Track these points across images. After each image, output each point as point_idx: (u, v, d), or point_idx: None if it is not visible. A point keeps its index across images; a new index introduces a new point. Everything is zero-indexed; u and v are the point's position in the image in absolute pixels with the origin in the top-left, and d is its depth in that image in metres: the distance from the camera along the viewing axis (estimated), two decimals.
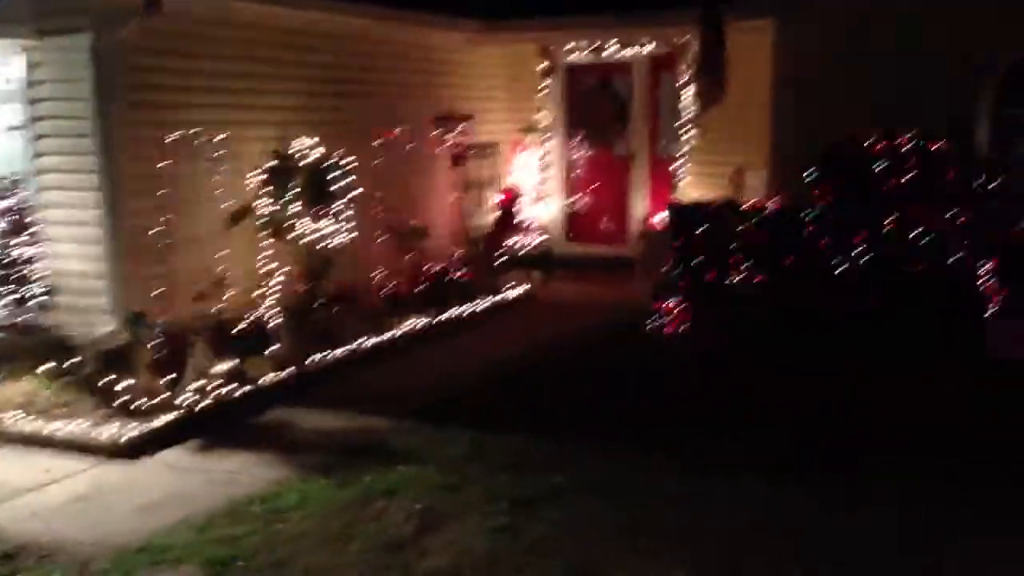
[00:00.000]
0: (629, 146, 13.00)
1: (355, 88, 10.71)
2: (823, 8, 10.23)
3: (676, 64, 12.44)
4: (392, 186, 10.98)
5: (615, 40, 12.62)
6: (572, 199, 13.38)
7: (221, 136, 8.63)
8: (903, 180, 8.40)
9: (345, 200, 9.03)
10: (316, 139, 9.00)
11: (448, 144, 12.01)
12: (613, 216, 13.18)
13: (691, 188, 12.33)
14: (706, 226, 9.63)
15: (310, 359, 8.38)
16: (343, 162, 9.07)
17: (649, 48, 12.59)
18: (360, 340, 8.96)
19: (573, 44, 12.90)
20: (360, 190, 9.43)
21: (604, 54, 12.82)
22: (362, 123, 10.68)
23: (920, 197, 8.29)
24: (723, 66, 9.81)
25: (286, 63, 9.72)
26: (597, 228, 13.28)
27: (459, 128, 12.08)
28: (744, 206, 9.56)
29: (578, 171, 13.34)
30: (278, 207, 8.67)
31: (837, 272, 8.67)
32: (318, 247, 8.96)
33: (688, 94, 12.30)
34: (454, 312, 10.28)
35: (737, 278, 9.42)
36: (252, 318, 8.54)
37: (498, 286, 11.40)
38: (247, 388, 7.69)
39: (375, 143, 10.69)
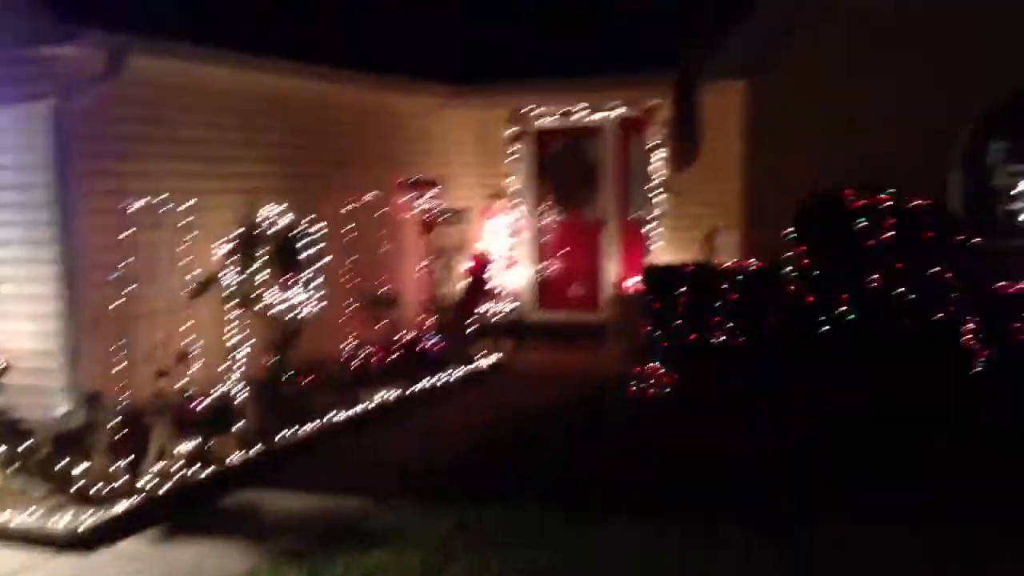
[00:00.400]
0: (600, 211, 12.86)
1: (325, 154, 10.48)
2: (795, 70, 10.21)
3: (646, 127, 12.37)
4: (362, 253, 10.71)
5: (585, 104, 12.55)
6: (543, 265, 13.17)
7: (187, 204, 8.32)
8: (883, 238, 8.28)
9: (314, 268, 8.73)
10: (285, 206, 8.73)
11: (417, 210, 11.78)
12: (584, 282, 12.98)
13: (663, 252, 12.19)
14: (685, 288, 9.43)
15: (279, 435, 8.00)
16: (312, 229, 8.79)
17: (619, 111, 12.52)
18: (330, 414, 8.60)
19: (543, 108, 12.81)
20: (330, 258, 9.14)
21: (573, 118, 12.74)
22: (332, 189, 10.45)
23: (900, 254, 8.17)
24: (696, 127, 9.70)
25: (255, 129, 9.48)
26: (569, 294, 13.06)
27: (429, 194, 11.86)
28: (722, 266, 9.39)
29: (549, 236, 13.16)
30: (245, 276, 8.36)
31: (820, 330, 8.48)
32: (287, 317, 8.64)
33: (659, 157, 12.23)
34: (426, 383, 9.95)
35: (720, 339, 9.20)
36: (217, 394, 8.17)
37: (470, 355, 11.11)
38: (212, 469, 7.28)
39: (344, 210, 10.44)
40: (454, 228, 12.52)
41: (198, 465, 7.22)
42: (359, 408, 8.93)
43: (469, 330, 11.87)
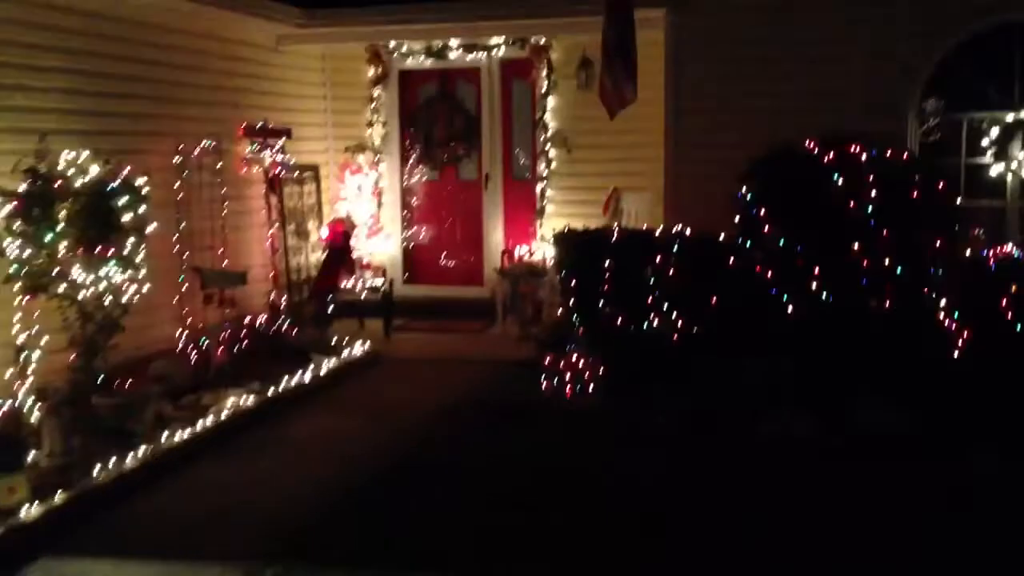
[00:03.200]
0: (480, 168, 10.92)
1: (147, 88, 8.08)
2: None
3: (532, 70, 10.50)
4: (196, 217, 8.44)
5: (458, 40, 10.53)
6: (413, 232, 11.14)
7: None
8: (863, 198, 6.72)
9: (136, 236, 6.44)
10: (91, 152, 6.40)
11: (263, 165, 9.54)
12: (463, 251, 11.04)
13: (557, 216, 10.42)
14: (609, 260, 7.66)
15: (91, 471, 5.72)
16: (135, 183, 6.48)
17: (502, 50, 10.58)
18: (163, 435, 6.36)
19: (408, 45, 10.72)
20: (155, 224, 6.85)
21: (447, 58, 10.70)
22: (157, 135, 8.12)
23: (884, 219, 6.64)
24: (633, 58, 7.91)
25: (48, 49, 7.02)
26: (444, 266, 11.10)
27: (277, 145, 9.63)
28: (657, 234, 7.65)
29: (419, 198, 11.12)
30: (37, 249, 6.01)
31: (788, 315, 6.88)
32: (100, 303, 6.34)
33: (551, 106, 10.41)
34: (287, 381, 7.80)
35: (655, 323, 7.49)
36: None
37: (335, 344, 9.00)
38: None
39: (174, 160, 8.13)
40: (306, 188, 10.34)
41: None
42: (204, 423, 6.71)
43: (329, 310, 9.76)
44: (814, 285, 6.81)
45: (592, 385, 7.58)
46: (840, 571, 4.72)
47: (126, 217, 6.33)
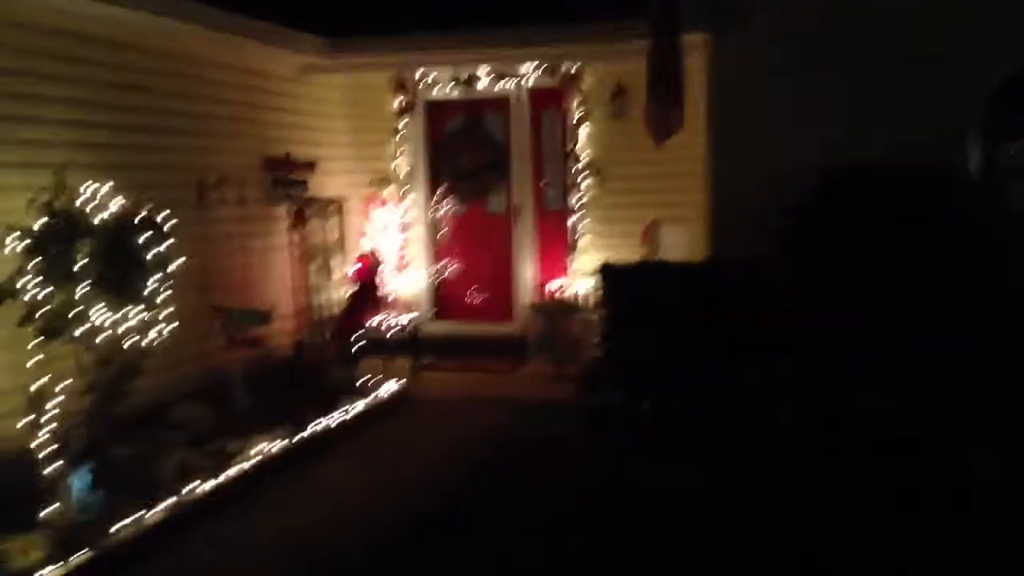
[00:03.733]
0: (510, 200, 10.55)
1: (164, 120, 7.75)
2: (781, 18, 8.16)
3: (564, 99, 10.16)
4: (220, 254, 8.09)
5: (487, 69, 10.20)
6: (440, 266, 10.76)
7: None
8: (930, 225, 6.32)
9: (161, 274, 6.06)
10: (111, 185, 6.04)
11: (288, 199, 9.18)
12: (492, 286, 10.64)
13: (592, 249, 10.03)
14: (658, 294, 7.25)
15: (114, 528, 5.32)
16: (158, 219, 6.11)
17: (531, 79, 10.24)
18: (186, 486, 5.95)
19: (435, 74, 10.40)
20: (182, 259, 6.48)
21: (476, 88, 10.37)
22: (175, 167, 7.77)
23: (965, 246, 6.23)
24: (681, 83, 7.54)
25: (66, 80, 6.70)
26: (473, 302, 10.69)
27: (300, 178, 9.28)
28: (717, 265, 7.24)
29: (446, 231, 10.74)
30: (56, 288, 5.63)
31: (870, 348, 6.43)
32: (119, 347, 5.95)
33: (585, 134, 10.06)
34: (316, 426, 7.39)
35: (715, 364, 7.05)
36: (13, 464, 5.45)
37: (361, 384, 8.59)
38: None
39: (194, 195, 7.80)
40: (330, 222, 9.97)
41: None
42: (230, 472, 6.30)
43: (355, 349, 9.37)
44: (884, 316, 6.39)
45: (638, 430, 7.16)
46: None
47: (149, 255, 5.95)
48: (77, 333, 5.75)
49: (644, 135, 9.47)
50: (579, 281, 9.94)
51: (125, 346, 5.96)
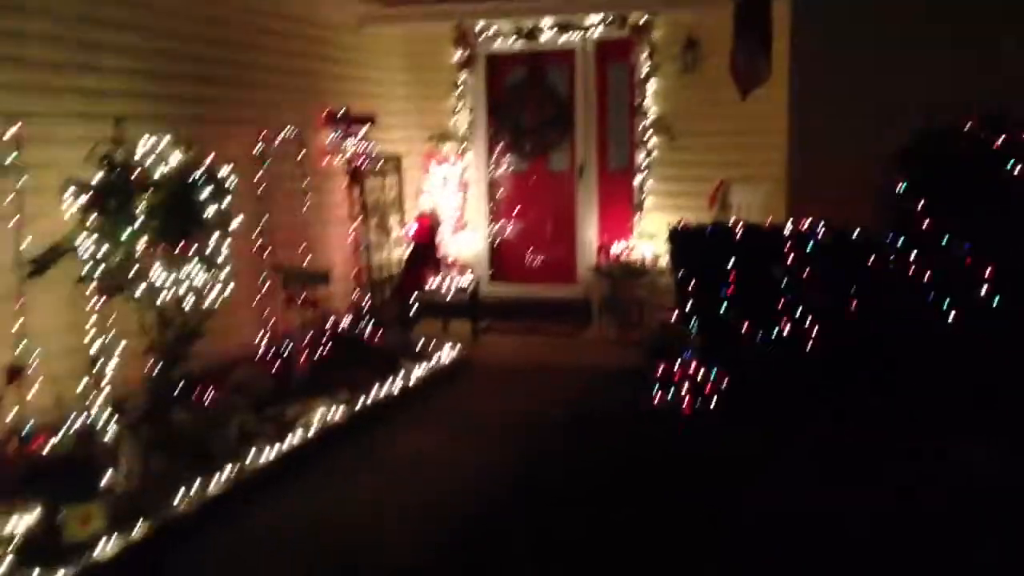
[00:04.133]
0: (573, 158, 10.15)
1: (225, 71, 7.45)
2: None
3: (632, 52, 9.71)
4: (278, 211, 7.81)
5: (551, 20, 9.77)
6: (500, 227, 10.41)
7: (11, 131, 5.31)
8: None
9: (220, 232, 5.79)
10: (169, 138, 5.75)
11: (346, 155, 8.87)
12: (554, 247, 10.28)
13: (658, 210, 9.64)
14: (733, 259, 6.86)
15: (175, 497, 5.09)
16: (219, 174, 5.83)
17: (597, 32, 9.80)
18: (248, 453, 5.71)
19: (497, 26, 9.98)
20: (241, 217, 6.20)
21: (538, 40, 9.94)
22: (235, 121, 7.48)
23: None
24: (770, 30, 7.07)
25: (125, 26, 6.40)
26: (533, 263, 10.35)
27: (360, 133, 8.96)
28: (788, 229, 6.82)
29: (507, 190, 10.38)
30: (115, 245, 5.38)
31: (953, 328, 6.02)
32: (180, 308, 5.71)
33: (650, 91, 9.61)
34: (377, 390, 7.12)
35: (787, 330, 6.67)
36: (73, 429, 5.24)
37: (420, 349, 8.31)
38: (64, 571, 4.36)
39: (254, 150, 7.51)
40: (388, 180, 9.66)
41: (35, 557, 4.32)
42: (291, 439, 6.05)
43: (413, 311, 9.11)
44: (984, 290, 5.95)
45: (713, 398, 6.81)
46: None
47: (210, 211, 5.68)
48: (137, 292, 5.52)
49: (715, 89, 9.12)
50: (644, 243, 9.56)
51: (186, 307, 5.73)
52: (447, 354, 8.29)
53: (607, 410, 7.07)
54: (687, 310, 7.17)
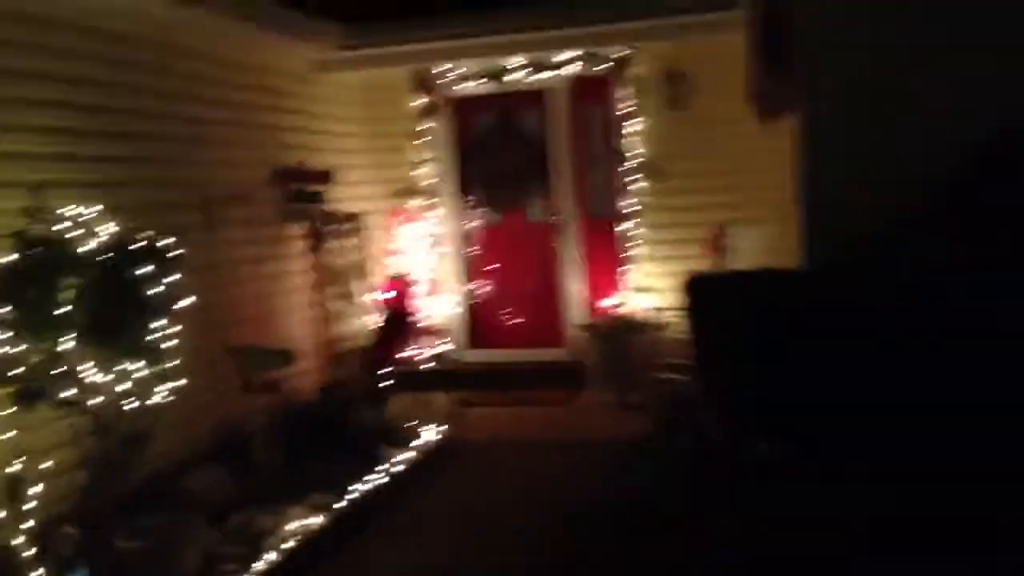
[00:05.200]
0: (551, 208, 9.28)
1: (162, 127, 6.48)
2: None
3: (610, 89, 8.92)
4: (230, 284, 6.82)
5: (521, 59, 8.94)
6: (475, 287, 9.48)
7: None
8: None
9: (166, 317, 4.78)
10: (100, 208, 4.77)
11: (302, 215, 7.92)
12: (538, 305, 9.34)
13: (649, 260, 8.81)
14: (767, 312, 5.97)
15: None
16: (158, 246, 4.84)
17: (572, 69, 8.99)
18: None
19: (462, 68, 9.12)
20: (190, 297, 5.19)
21: (506, 79, 9.08)
22: (178, 182, 6.50)
23: None
24: (791, 44, 6.20)
25: (42, 78, 5.43)
26: (515, 325, 9.41)
27: (316, 190, 8.02)
28: (831, 277, 5.96)
29: (480, 246, 9.48)
30: (33, 342, 4.35)
31: None
32: (120, 410, 4.68)
33: (634, 129, 8.82)
34: (352, 493, 6.08)
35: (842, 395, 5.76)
36: None
37: (398, 429, 7.31)
38: None
39: (198, 215, 6.54)
40: (351, 241, 8.71)
41: None
42: (265, 558, 5.00)
43: (388, 385, 8.11)
44: None
45: (748, 480, 5.88)
46: None
47: (151, 292, 4.68)
48: (64, 395, 4.48)
49: (707, 126, 8.49)
50: (636, 296, 8.72)
51: (126, 407, 4.70)
52: (429, 436, 7.30)
53: (624, 499, 6.08)
54: (709, 374, 6.28)
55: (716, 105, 8.36)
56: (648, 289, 8.69)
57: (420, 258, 9.14)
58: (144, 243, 4.72)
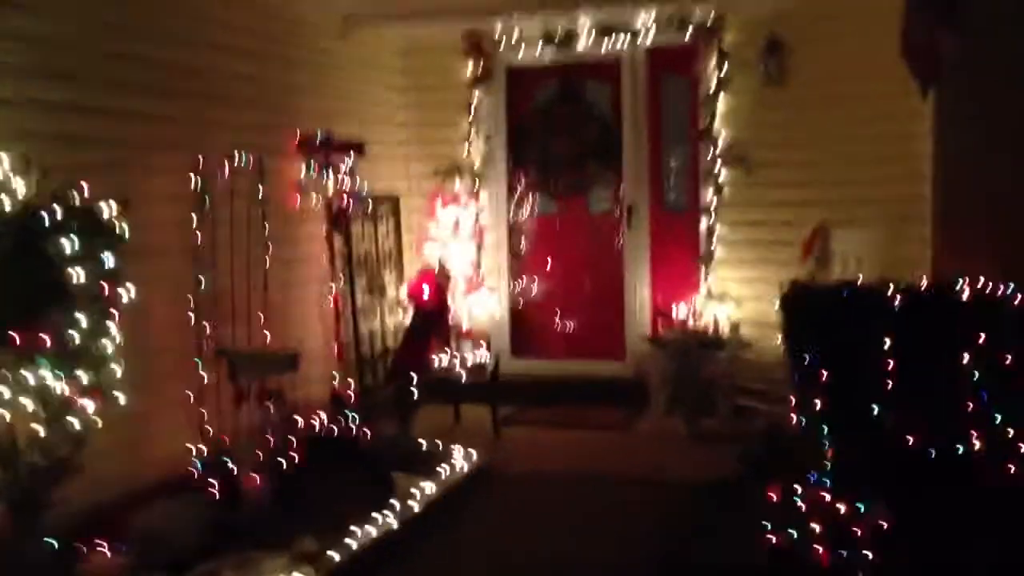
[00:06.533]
0: (618, 197, 7.98)
1: (151, 75, 5.30)
2: None
3: (695, 61, 7.61)
4: (225, 270, 5.61)
5: (589, 21, 7.63)
6: (522, 286, 8.22)
7: None
8: None
9: (99, 310, 3.56)
10: (11, 157, 3.58)
11: (324, 193, 6.71)
12: (596, 311, 8.05)
13: (732, 263, 7.50)
14: (892, 336, 4.62)
15: None
16: (97, 214, 3.61)
17: (651, 36, 7.67)
18: None
19: (519, 30, 7.85)
20: (135, 288, 3.95)
21: (574, 48, 7.81)
22: (162, 144, 5.32)
23: None
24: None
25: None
26: (568, 333, 8.12)
27: (344, 165, 6.81)
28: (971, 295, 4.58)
29: (531, 239, 8.22)
30: None
31: None
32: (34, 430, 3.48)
33: (721, 110, 7.49)
34: (366, 531, 4.85)
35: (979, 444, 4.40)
36: None
37: (424, 452, 6.11)
38: None
39: (190, 184, 5.35)
40: (382, 226, 7.50)
41: None
42: None
43: (415, 396, 6.87)
44: None
45: (866, 547, 4.54)
46: None
47: (79, 275, 3.47)
48: None
49: (807, 107, 7.18)
50: (714, 306, 7.41)
51: (41, 430, 3.51)
52: (459, 462, 6.04)
53: (701, 563, 4.78)
54: (814, 409, 4.93)
55: (821, 82, 7.01)
56: (729, 297, 7.38)
57: (461, 249, 7.89)
58: (73, 209, 3.50)
